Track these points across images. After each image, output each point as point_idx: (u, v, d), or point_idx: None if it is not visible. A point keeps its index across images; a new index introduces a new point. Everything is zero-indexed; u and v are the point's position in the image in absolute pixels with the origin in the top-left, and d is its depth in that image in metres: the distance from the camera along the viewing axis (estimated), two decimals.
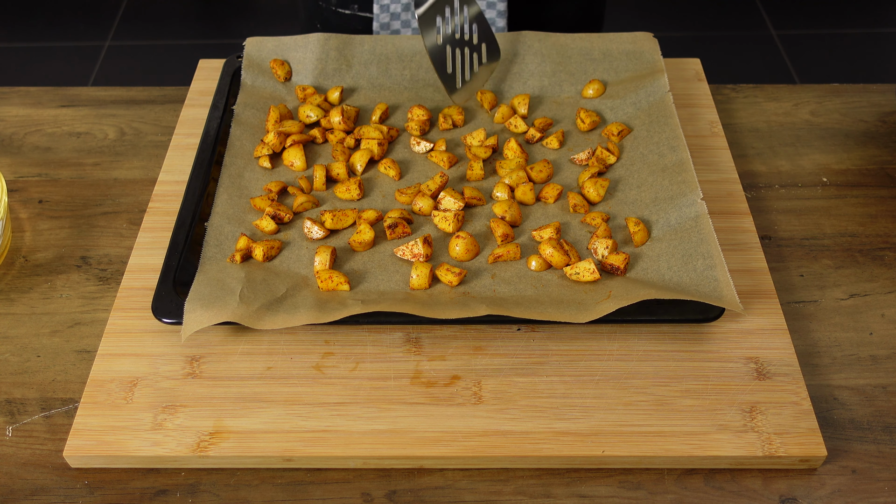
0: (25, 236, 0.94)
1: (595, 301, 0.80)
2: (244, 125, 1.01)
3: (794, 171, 1.02)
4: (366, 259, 0.86)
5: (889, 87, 1.15)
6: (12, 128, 1.09)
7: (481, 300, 0.80)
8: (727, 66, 2.55)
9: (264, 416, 0.75)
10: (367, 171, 0.97)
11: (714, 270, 0.81)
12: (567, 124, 1.03)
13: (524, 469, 0.73)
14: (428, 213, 0.91)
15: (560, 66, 1.07)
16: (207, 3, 2.92)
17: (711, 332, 0.81)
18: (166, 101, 1.13)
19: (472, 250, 0.85)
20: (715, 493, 0.72)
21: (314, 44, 1.08)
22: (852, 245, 0.93)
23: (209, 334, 0.81)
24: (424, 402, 0.76)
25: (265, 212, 0.88)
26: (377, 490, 0.72)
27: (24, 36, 2.73)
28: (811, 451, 0.72)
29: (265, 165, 0.96)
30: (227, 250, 0.86)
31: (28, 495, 0.72)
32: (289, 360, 0.79)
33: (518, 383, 0.77)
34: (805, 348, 0.83)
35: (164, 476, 0.73)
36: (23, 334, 0.84)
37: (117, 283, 0.88)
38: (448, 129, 1.02)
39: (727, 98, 1.13)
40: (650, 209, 0.90)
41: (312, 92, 1.05)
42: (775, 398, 0.76)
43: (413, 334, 0.81)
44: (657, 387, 0.77)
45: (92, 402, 0.76)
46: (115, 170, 1.03)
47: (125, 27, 2.76)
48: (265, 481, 0.73)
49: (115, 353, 0.80)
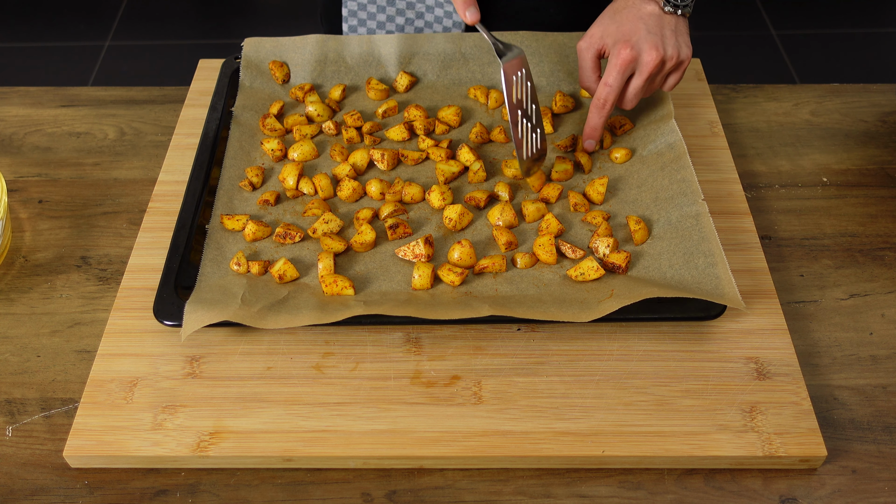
0: (25, 236, 0.94)
1: (598, 300, 0.80)
2: (243, 126, 1.01)
3: (794, 171, 1.02)
4: (367, 260, 0.86)
5: (889, 87, 1.15)
6: (12, 128, 1.09)
7: (483, 300, 0.80)
8: (727, 66, 2.55)
9: (264, 416, 0.75)
10: (367, 172, 0.97)
11: (715, 268, 0.81)
12: (570, 123, 1.03)
13: (524, 469, 0.73)
14: (420, 200, 0.92)
15: (558, 65, 1.07)
16: (207, 3, 2.92)
17: (712, 332, 0.81)
18: (166, 101, 1.13)
19: (471, 258, 0.85)
20: (715, 493, 0.72)
21: (313, 44, 1.08)
22: (852, 245, 0.93)
23: (209, 334, 0.81)
24: (424, 402, 0.76)
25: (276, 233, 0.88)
26: (377, 490, 0.72)
27: (24, 36, 2.73)
28: (811, 451, 0.72)
29: (275, 152, 0.97)
30: (227, 254, 0.86)
31: (28, 495, 0.72)
32: (289, 360, 0.79)
33: (518, 383, 0.77)
34: (805, 348, 0.83)
35: (164, 476, 0.73)
36: (23, 334, 0.84)
37: (117, 283, 0.88)
38: (446, 132, 1.02)
39: (727, 98, 1.13)
40: (651, 208, 0.90)
41: (310, 88, 1.05)
42: (775, 398, 0.76)
43: (413, 334, 0.81)
44: (657, 387, 0.77)
45: (92, 402, 0.76)
46: (115, 170, 1.03)
47: (125, 27, 2.76)
48: (265, 481, 0.73)
49: (115, 353, 0.80)
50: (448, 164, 0.95)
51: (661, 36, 0.89)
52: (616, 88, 0.91)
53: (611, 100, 0.92)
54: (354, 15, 1.16)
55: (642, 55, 0.89)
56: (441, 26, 1.15)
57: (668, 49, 0.89)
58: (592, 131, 0.96)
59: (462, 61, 1.08)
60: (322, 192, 0.93)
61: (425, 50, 1.08)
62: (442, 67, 1.08)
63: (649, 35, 0.89)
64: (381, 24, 1.16)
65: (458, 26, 1.14)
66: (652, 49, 0.89)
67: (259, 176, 0.94)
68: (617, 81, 0.91)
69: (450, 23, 1.15)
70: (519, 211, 0.91)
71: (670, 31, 0.90)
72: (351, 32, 1.18)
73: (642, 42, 0.89)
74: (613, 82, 0.91)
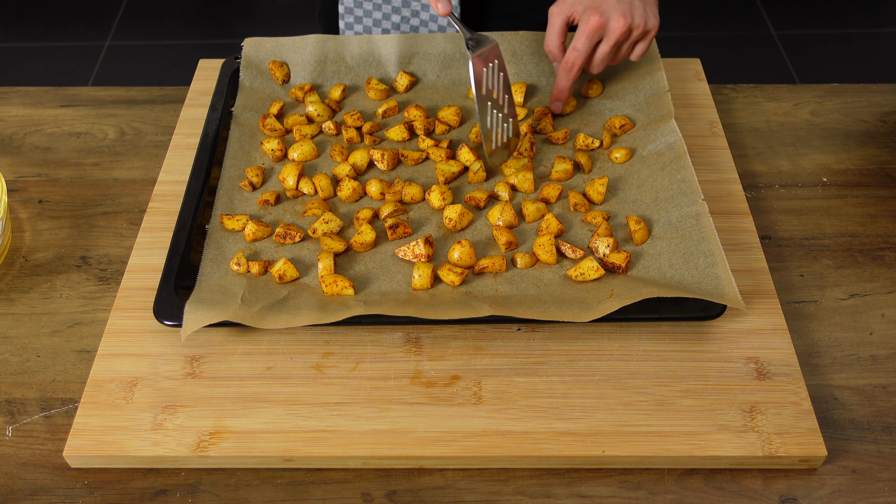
0: (25, 236, 0.94)
1: (598, 300, 0.80)
2: (243, 126, 1.01)
3: (794, 171, 1.02)
4: (367, 260, 0.86)
5: (889, 87, 1.15)
6: (12, 128, 1.09)
7: (484, 300, 0.80)
8: (727, 66, 2.55)
9: (264, 416, 0.75)
10: (367, 172, 0.97)
11: (716, 268, 0.81)
12: (570, 122, 1.03)
13: (524, 469, 0.73)
14: (420, 200, 0.92)
15: None
16: (207, 3, 2.92)
17: (711, 332, 0.81)
18: (166, 101, 1.13)
19: (471, 258, 0.85)
20: (715, 493, 0.72)
21: (312, 44, 1.08)
22: (852, 245, 0.93)
23: (209, 334, 0.81)
24: (424, 402, 0.76)
25: (276, 233, 0.88)
26: (377, 490, 0.72)
27: (24, 36, 2.73)
28: (811, 451, 0.72)
29: (275, 152, 0.97)
30: (227, 254, 0.86)
31: (28, 495, 0.72)
32: (289, 360, 0.79)
33: (518, 383, 0.77)
34: (805, 348, 0.83)
35: (164, 476, 0.73)
36: (23, 334, 0.84)
37: (117, 283, 0.88)
38: (446, 132, 1.02)
39: (727, 98, 1.13)
40: (651, 208, 0.90)
41: (310, 88, 1.06)
42: (775, 398, 0.76)
43: (413, 334, 0.81)
44: (657, 387, 0.77)
45: (92, 402, 0.76)
46: (115, 170, 1.03)
47: (125, 27, 2.76)
48: (265, 481, 0.73)
49: (115, 353, 0.80)
50: (448, 164, 0.95)
51: (630, 5, 0.94)
52: (583, 53, 0.95)
53: (578, 63, 0.96)
54: (350, 12, 1.16)
55: (610, 22, 0.93)
56: (437, 25, 1.16)
57: (636, 18, 0.94)
58: (560, 93, 1.01)
59: (462, 61, 1.08)
60: (322, 192, 0.93)
61: (425, 50, 1.08)
62: (442, 67, 1.08)
63: (619, 4, 0.93)
64: (377, 21, 1.17)
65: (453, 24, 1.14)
66: (620, 17, 0.93)
67: (259, 176, 0.94)
68: (585, 46, 0.95)
69: (445, 21, 1.15)
70: (519, 211, 0.91)
71: (639, 2, 0.94)
72: (347, 30, 1.18)
73: (611, 10, 0.93)
74: (581, 47, 0.95)
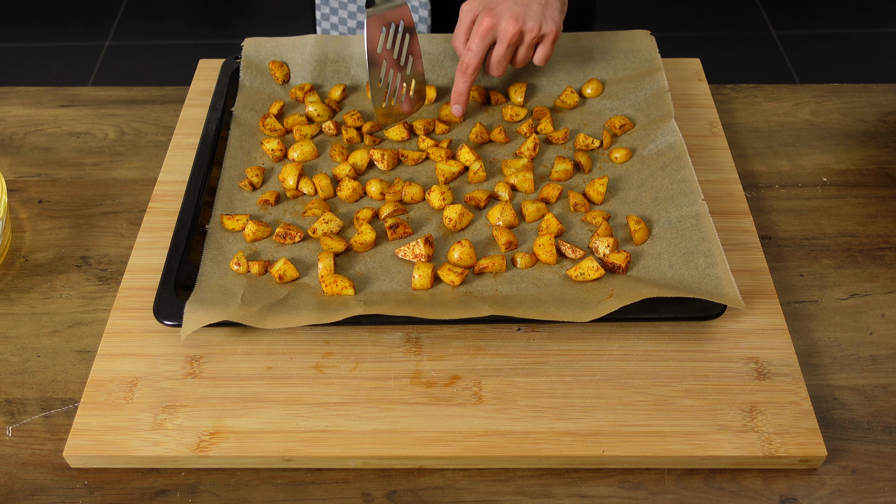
0: (25, 236, 0.94)
1: (598, 300, 0.80)
2: (243, 126, 1.01)
3: (794, 171, 1.02)
4: (367, 260, 0.86)
5: (889, 87, 1.15)
6: (12, 128, 1.09)
7: (484, 300, 0.80)
8: (727, 66, 2.55)
9: (264, 416, 0.75)
10: (367, 172, 0.97)
11: (716, 268, 0.81)
12: (570, 122, 1.03)
13: (524, 469, 0.73)
14: (420, 200, 0.92)
15: (558, 65, 1.07)
16: (207, 3, 2.92)
17: (711, 332, 0.81)
18: (166, 101, 1.13)
19: (471, 258, 0.85)
20: (715, 493, 0.72)
21: (312, 44, 1.08)
22: (852, 245, 0.93)
23: (209, 334, 0.81)
24: (424, 402, 0.76)
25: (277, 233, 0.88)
26: (377, 490, 0.72)
27: (24, 36, 2.73)
28: (811, 451, 0.72)
29: (275, 152, 0.97)
30: (227, 254, 0.86)
31: (28, 495, 0.72)
32: (289, 360, 0.79)
33: (518, 383, 0.77)
34: (805, 348, 0.83)
35: (164, 476, 0.73)
36: (23, 334, 0.84)
37: (117, 283, 0.88)
38: (446, 132, 1.02)
39: (727, 98, 1.13)
40: (651, 208, 0.90)
41: (310, 88, 1.06)
42: (775, 398, 0.76)
43: (413, 334, 0.81)
44: (657, 387, 0.77)
45: (92, 402, 0.76)
46: (115, 170, 1.03)
47: (125, 27, 2.76)
48: (265, 481, 0.73)
49: (115, 353, 0.80)
50: (448, 164, 0.95)
51: (526, 7, 0.94)
52: (477, 54, 0.96)
53: (473, 64, 0.96)
54: (327, 18, 1.17)
55: (500, 24, 0.94)
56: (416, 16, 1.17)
57: (529, 21, 0.94)
58: (458, 96, 1.00)
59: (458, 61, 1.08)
60: (322, 192, 0.93)
61: (425, 50, 1.08)
62: (441, 67, 1.08)
63: (514, 6, 0.93)
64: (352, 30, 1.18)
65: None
66: (511, 20, 0.93)
67: (259, 176, 0.94)
68: (478, 47, 0.95)
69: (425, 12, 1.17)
70: (519, 211, 0.91)
71: (538, 5, 0.94)
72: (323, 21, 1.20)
73: (505, 12, 0.93)
74: (475, 48, 0.95)
